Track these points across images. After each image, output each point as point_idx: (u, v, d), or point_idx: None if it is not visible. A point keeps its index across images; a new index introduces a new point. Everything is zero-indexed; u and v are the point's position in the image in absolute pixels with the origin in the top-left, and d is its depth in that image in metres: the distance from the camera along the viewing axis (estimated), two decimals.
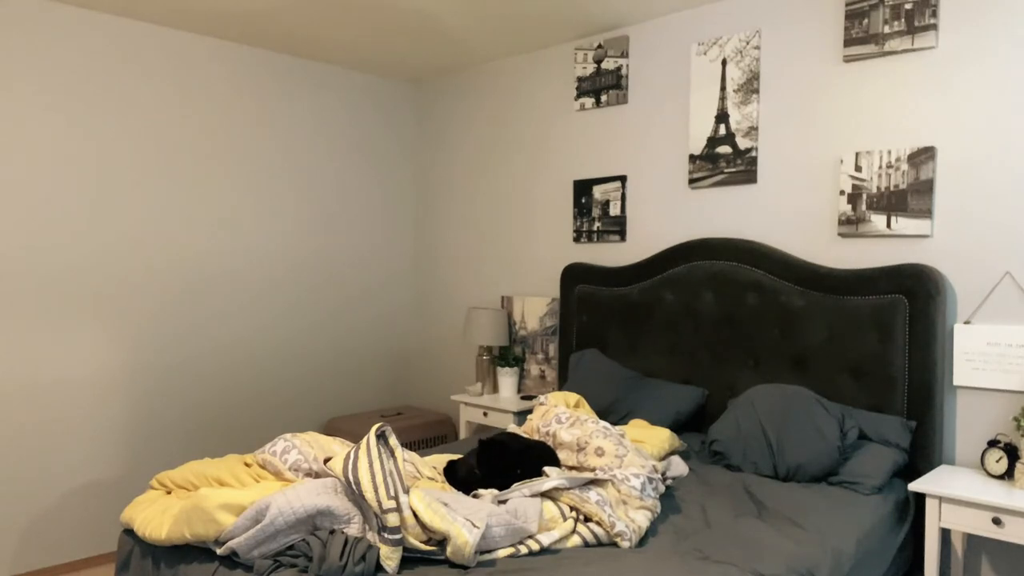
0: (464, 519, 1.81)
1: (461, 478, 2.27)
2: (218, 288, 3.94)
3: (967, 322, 2.66)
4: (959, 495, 2.32)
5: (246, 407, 4.06)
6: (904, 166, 2.78)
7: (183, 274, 3.80)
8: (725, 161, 3.30)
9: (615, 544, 2.00)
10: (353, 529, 1.82)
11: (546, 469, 2.21)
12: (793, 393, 2.72)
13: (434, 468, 2.42)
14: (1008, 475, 2.44)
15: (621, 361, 3.51)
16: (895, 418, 2.67)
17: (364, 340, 4.60)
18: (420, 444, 4.20)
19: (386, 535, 1.75)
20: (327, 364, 4.43)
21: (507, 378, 3.97)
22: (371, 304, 4.64)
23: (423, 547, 1.81)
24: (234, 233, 4.00)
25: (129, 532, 2.16)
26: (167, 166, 3.74)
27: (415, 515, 1.82)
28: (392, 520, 1.76)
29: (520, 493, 2.07)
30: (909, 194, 2.77)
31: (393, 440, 2.04)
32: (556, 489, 2.09)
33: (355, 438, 3.96)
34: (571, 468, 2.38)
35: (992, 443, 2.48)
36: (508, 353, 4.12)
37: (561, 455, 2.44)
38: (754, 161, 3.21)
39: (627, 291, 3.52)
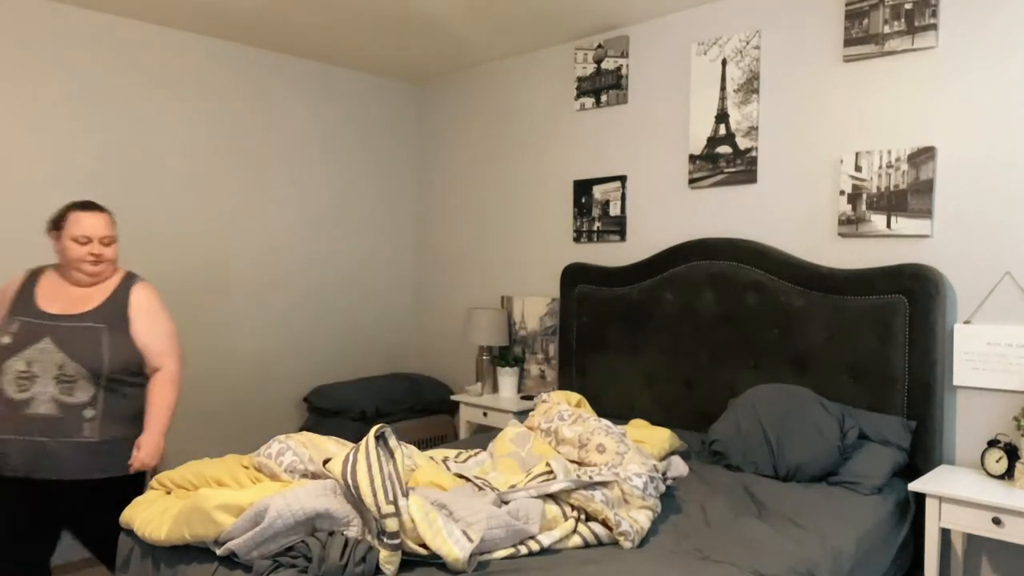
0: (460, 533, 1.80)
1: None
2: (218, 287, 3.94)
3: (967, 322, 2.66)
4: (959, 495, 2.32)
5: (246, 406, 4.06)
6: (904, 166, 2.78)
7: (183, 273, 3.80)
8: (725, 161, 3.30)
9: (615, 544, 2.00)
10: (352, 532, 1.82)
11: (553, 466, 2.21)
12: (793, 393, 2.72)
13: (431, 459, 2.44)
14: (1008, 475, 2.44)
15: (621, 361, 3.51)
16: (895, 418, 2.67)
17: (365, 340, 4.60)
18: (420, 444, 4.20)
19: (385, 539, 1.75)
20: (328, 363, 4.43)
21: (507, 378, 3.97)
22: (371, 304, 4.64)
23: (422, 551, 1.80)
24: (234, 233, 4.00)
25: (129, 532, 2.16)
26: (165, 166, 3.74)
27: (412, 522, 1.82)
28: (391, 525, 1.75)
29: (526, 493, 2.07)
30: (909, 194, 2.77)
31: (393, 441, 2.04)
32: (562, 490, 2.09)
33: None
34: (572, 462, 2.39)
35: (992, 443, 2.48)
36: (508, 353, 4.12)
37: (563, 450, 2.45)
38: (754, 161, 3.21)
39: (627, 291, 3.52)
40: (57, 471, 2.30)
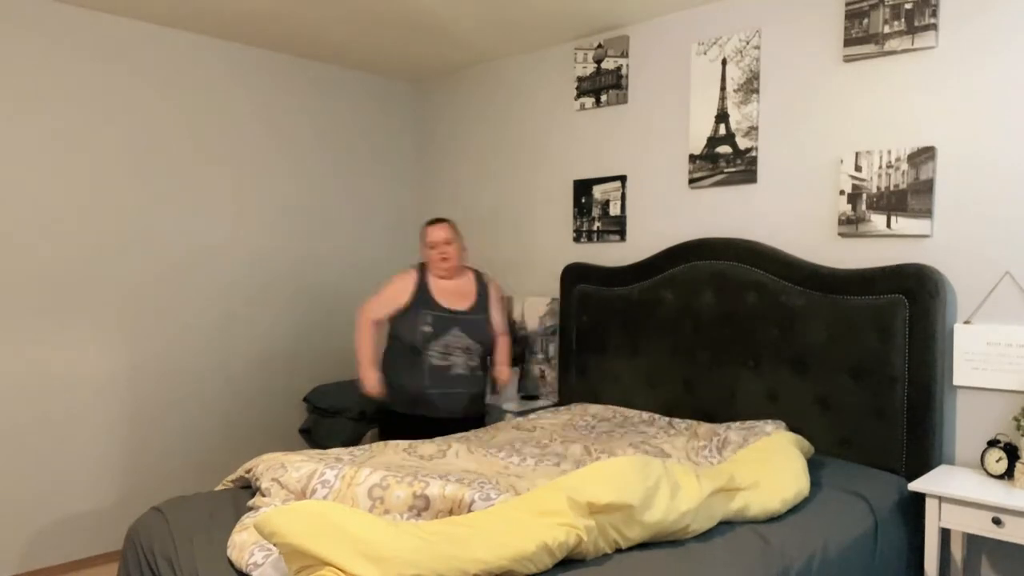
0: None
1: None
2: (217, 288, 3.94)
3: (967, 322, 2.66)
4: (959, 495, 2.32)
5: (246, 407, 4.06)
6: (904, 166, 2.78)
7: (183, 274, 3.80)
8: (725, 161, 3.30)
9: None
10: None
11: None
12: None
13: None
14: (1008, 475, 2.44)
15: (621, 361, 3.51)
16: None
17: None
18: None
19: None
20: (328, 364, 4.43)
21: None
22: None
23: None
24: (234, 233, 4.00)
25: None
26: (167, 166, 3.74)
27: None
28: None
29: None
30: (909, 194, 2.77)
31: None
32: None
33: None
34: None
35: (992, 443, 2.49)
36: None
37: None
38: (754, 161, 3.21)
39: (627, 291, 3.52)
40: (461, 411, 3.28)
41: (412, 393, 3.21)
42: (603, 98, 3.76)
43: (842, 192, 2.94)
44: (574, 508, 1.83)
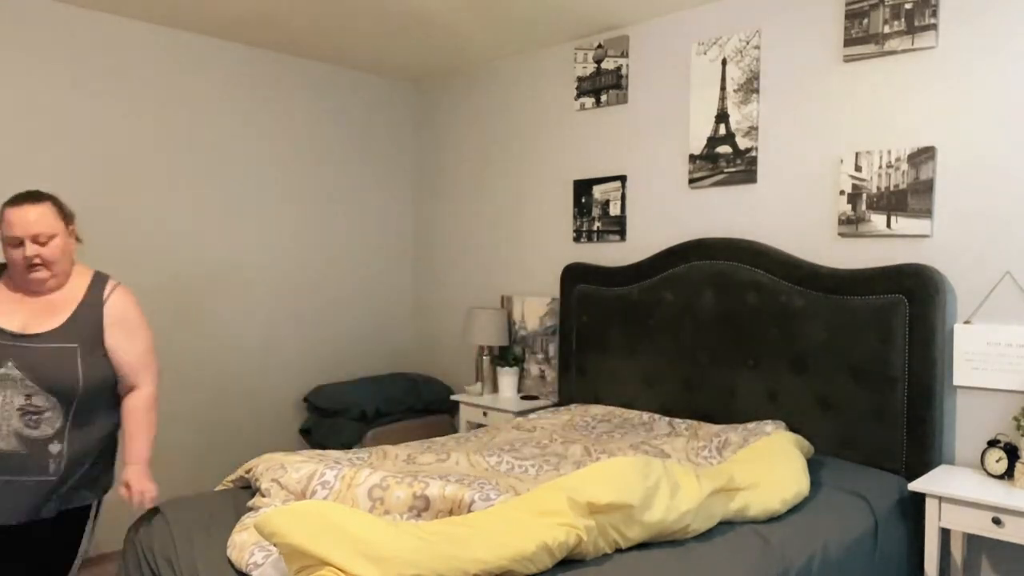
0: None
1: None
2: (216, 288, 3.94)
3: (967, 322, 2.66)
4: (959, 495, 2.32)
5: (245, 407, 4.06)
6: (904, 166, 2.78)
7: (181, 274, 3.80)
8: (725, 161, 3.30)
9: None
10: None
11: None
12: None
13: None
14: (1008, 475, 2.44)
15: (621, 361, 3.52)
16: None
17: (364, 341, 4.60)
18: None
19: None
20: (327, 365, 4.43)
21: (507, 378, 3.97)
22: (371, 304, 4.64)
23: None
24: (232, 234, 4.00)
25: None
26: (165, 166, 3.74)
27: None
28: None
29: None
30: (909, 194, 2.77)
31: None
32: None
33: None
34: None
35: (992, 443, 2.49)
36: (508, 353, 4.12)
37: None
38: (754, 161, 3.21)
39: (627, 291, 3.52)
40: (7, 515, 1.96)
41: None
42: (603, 98, 3.76)
43: (842, 192, 2.94)
44: (574, 508, 1.83)
